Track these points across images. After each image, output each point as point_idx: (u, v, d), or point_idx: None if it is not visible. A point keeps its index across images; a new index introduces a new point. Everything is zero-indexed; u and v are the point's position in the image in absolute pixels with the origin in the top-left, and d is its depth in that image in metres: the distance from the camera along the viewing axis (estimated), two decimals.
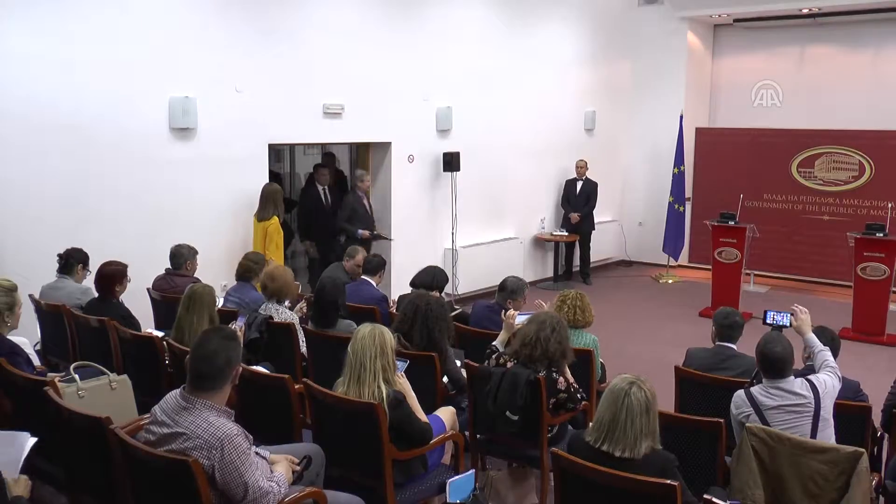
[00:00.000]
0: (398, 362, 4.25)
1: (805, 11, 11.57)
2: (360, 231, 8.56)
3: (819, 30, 12.28)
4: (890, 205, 10.07)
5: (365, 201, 8.81)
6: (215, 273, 6.98)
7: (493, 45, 10.20)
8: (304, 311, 5.96)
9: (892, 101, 11.61)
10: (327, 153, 10.11)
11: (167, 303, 6.04)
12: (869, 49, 12.00)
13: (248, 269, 6.19)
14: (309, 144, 10.29)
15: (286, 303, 5.78)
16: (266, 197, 7.57)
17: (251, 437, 3.23)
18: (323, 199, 8.99)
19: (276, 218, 7.50)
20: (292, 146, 10.39)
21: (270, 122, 7.88)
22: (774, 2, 11.51)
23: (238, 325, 5.08)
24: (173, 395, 3.21)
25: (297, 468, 3.54)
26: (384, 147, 9.19)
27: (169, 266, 6.49)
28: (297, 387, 4.25)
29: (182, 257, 6.43)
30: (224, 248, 7.49)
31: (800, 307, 4.46)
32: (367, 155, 9.32)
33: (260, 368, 4.79)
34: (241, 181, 7.67)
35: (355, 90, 8.55)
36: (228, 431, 3.06)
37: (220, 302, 5.89)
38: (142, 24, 6.86)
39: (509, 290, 5.90)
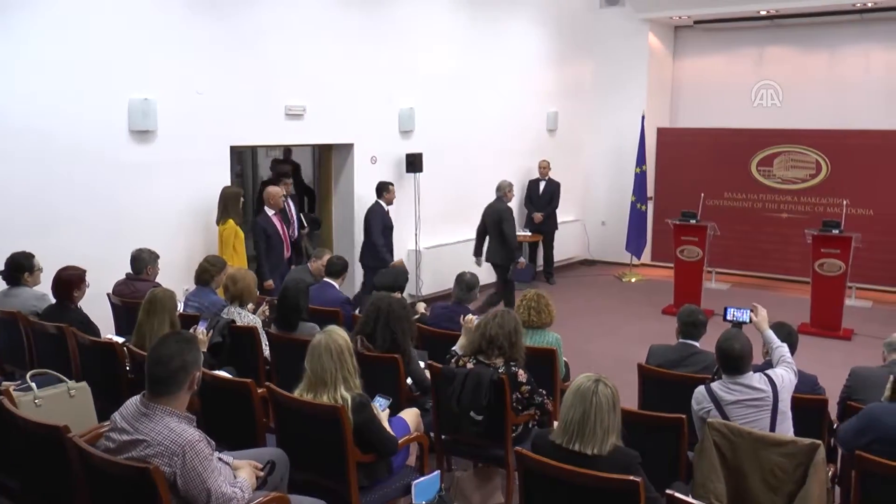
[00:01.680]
0: (380, 399, 4.27)
1: (763, 13, 11.79)
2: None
3: (777, 31, 12.52)
4: (845, 202, 10.28)
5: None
6: (177, 277, 6.88)
7: (455, 46, 10.23)
8: (267, 314, 5.92)
9: (847, 101, 11.88)
10: (288, 160, 10.00)
11: (128, 308, 5.96)
12: (825, 50, 12.26)
13: (204, 272, 6.11)
14: (271, 146, 10.21)
15: (249, 306, 5.74)
16: (223, 200, 7.50)
17: (213, 442, 3.20)
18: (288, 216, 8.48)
19: (231, 221, 7.42)
20: (254, 148, 10.32)
21: (232, 124, 7.81)
22: (733, 4, 11.69)
23: (200, 330, 5.02)
24: (133, 402, 3.16)
25: (261, 473, 3.51)
26: (347, 148, 9.16)
27: (129, 271, 6.40)
28: (260, 391, 4.22)
29: (143, 262, 6.34)
30: (185, 253, 7.40)
31: (757, 305, 4.53)
32: (330, 157, 9.29)
33: (222, 373, 4.75)
34: (203, 184, 7.59)
35: (317, 91, 8.52)
36: (190, 437, 3.02)
37: (180, 306, 5.82)
38: (100, 25, 6.76)
39: (467, 284, 5.93)
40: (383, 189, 8.95)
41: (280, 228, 7.94)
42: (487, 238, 9.26)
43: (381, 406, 4.21)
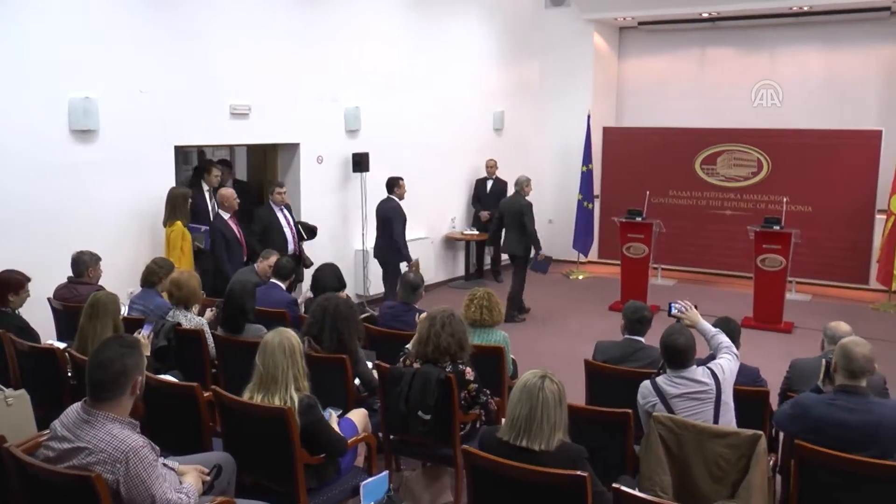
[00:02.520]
0: (331, 410, 4.27)
1: (705, 15, 12.07)
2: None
3: (719, 33, 12.80)
4: (785, 199, 10.52)
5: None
6: (121, 280, 6.74)
7: (400, 45, 10.22)
8: (214, 316, 5.85)
9: (786, 101, 12.23)
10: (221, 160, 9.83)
11: (69, 312, 5.82)
12: (764, 52, 12.59)
13: (151, 273, 6.01)
14: (217, 146, 10.07)
15: (194, 309, 5.66)
16: (170, 202, 7.38)
17: (158, 448, 3.16)
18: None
19: (179, 223, 7.30)
20: (200, 148, 10.16)
21: (176, 123, 7.68)
22: (676, 6, 11.91)
23: (144, 333, 4.93)
24: (74, 409, 3.11)
25: (207, 478, 3.48)
26: (292, 148, 9.08)
27: (71, 274, 6.25)
28: (206, 394, 4.17)
29: (84, 264, 6.20)
30: (129, 255, 7.24)
31: (684, 303, 4.58)
32: (276, 156, 9.20)
33: (168, 377, 4.69)
34: (147, 184, 7.45)
35: (262, 90, 8.43)
36: (133, 444, 2.98)
37: (125, 310, 5.72)
38: (37, 22, 6.59)
39: (411, 284, 5.94)
40: (394, 184, 9.23)
41: (237, 231, 7.84)
42: (504, 231, 9.60)
43: (328, 416, 4.19)
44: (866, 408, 3.69)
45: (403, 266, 8.78)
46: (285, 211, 8.47)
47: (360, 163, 9.48)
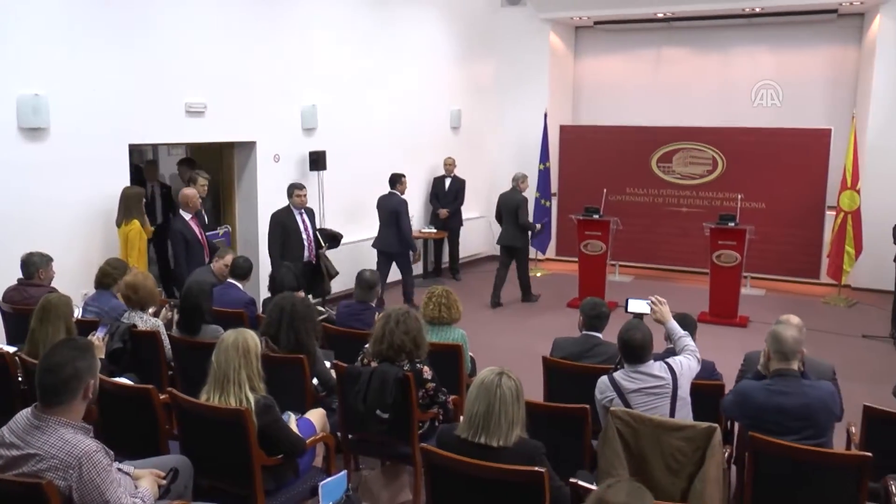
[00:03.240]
0: (290, 413, 4.25)
1: (660, 16, 12.23)
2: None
3: (673, 33, 12.99)
4: (740, 196, 10.70)
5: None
6: (74, 282, 6.63)
7: (356, 43, 10.18)
8: (171, 317, 5.77)
9: (739, 101, 12.42)
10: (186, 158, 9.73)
11: (20, 315, 5.68)
12: (718, 52, 12.80)
13: (106, 275, 5.89)
14: (172, 144, 9.94)
15: (150, 310, 5.58)
16: (124, 201, 7.26)
17: (112, 452, 3.10)
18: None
19: (136, 222, 7.20)
20: (155, 146, 10.02)
21: (130, 121, 7.55)
22: (632, 6, 12.03)
23: (98, 336, 4.85)
24: (24, 415, 3.04)
25: (164, 482, 3.44)
26: (249, 147, 8.99)
27: (21, 276, 6.12)
28: (162, 397, 4.12)
29: (34, 266, 6.07)
30: (82, 255, 7.12)
31: (656, 298, 4.66)
32: (232, 155, 9.10)
33: (123, 380, 4.61)
34: (100, 184, 7.32)
35: (218, 88, 8.33)
36: (87, 449, 2.92)
37: (78, 312, 5.61)
38: None
39: (366, 282, 5.92)
40: (397, 181, 9.84)
41: (198, 232, 7.73)
42: (503, 225, 10.24)
43: (286, 419, 4.17)
44: (800, 391, 3.86)
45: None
46: (305, 215, 8.26)
47: (318, 161, 9.43)
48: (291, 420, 4.21)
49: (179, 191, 8.08)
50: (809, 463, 3.62)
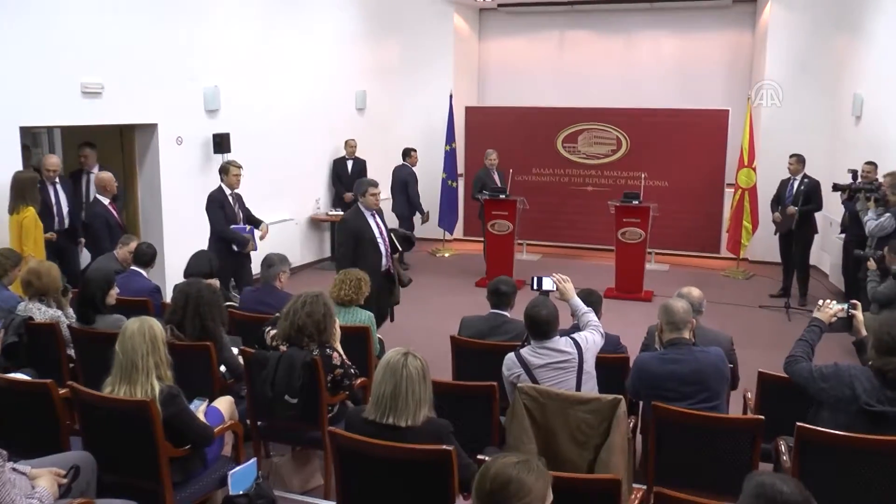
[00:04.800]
0: (197, 401, 4.16)
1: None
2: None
3: (577, 16, 13.20)
4: (643, 175, 10.99)
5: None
6: None
7: (260, 23, 9.91)
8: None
9: (642, 82, 12.73)
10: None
11: None
12: (621, 35, 13.08)
13: None
14: (67, 127, 9.47)
15: (50, 301, 5.31)
16: (17, 186, 6.88)
17: (5, 452, 2.97)
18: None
19: (31, 209, 6.83)
20: (50, 129, 9.54)
21: (20, 101, 7.10)
22: None
23: None
24: None
25: (64, 480, 3.32)
26: (150, 129, 8.66)
27: None
28: (62, 391, 3.96)
29: None
30: None
31: (560, 276, 4.72)
32: (133, 138, 8.76)
33: (20, 375, 4.40)
34: None
35: (116, 68, 7.93)
36: None
37: None
38: None
39: (266, 263, 5.84)
40: (407, 154, 11.50)
41: (118, 216, 7.46)
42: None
43: (195, 407, 4.06)
44: (692, 357, 4.04)
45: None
46: (377, 217, 6.92)
47: (221, 144, 9.17)
48: (201, 409, 4.10)
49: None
50: (708, 428, 3.79)
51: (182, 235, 8.48)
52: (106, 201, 7.43)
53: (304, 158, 10.89)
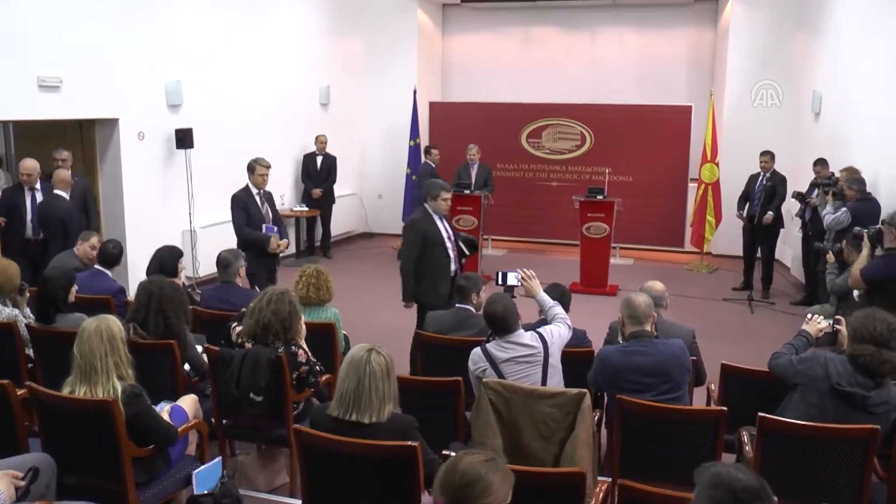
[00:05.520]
0: (163, 404, 4.11)
1: None
2: None
3: (541, 13, 13.25)
4: (607, 170, 11.08)
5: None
6: None
7: (223, 16, 9.81)
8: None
9: (605, 78, 12.83)
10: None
11: None
12: (585, 31, 13.18)
13: None
14: (24, 122, 9.29)
15: (6, 300, 5.21)
16: None
17: None
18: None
19: None
20: (6, 124, 9.34)
21: None
22: None
23: None
24: None
25: (21, 483, 3.24)
26: (111, 124, 8.52)
27: None
28: (20, 392, 3.88)
29: None
30: None
31: (525, 271, 4.73)
32: (94, 133, 8.61)
33: None
34: None
35: (75, 61, 7.78)
36: None
37: None
38: None
39: (221, 262, 5.77)
40: (427, 151, 11.50)
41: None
42: None
43: (160, 408, 4.02)
44: (654, 349, 4.08)
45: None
46: (445, 221, 6.45)
47: (184, 139, 9.05)
48: (165, 409, 4.05)
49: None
50: (672, 420, 3.84)
51: (144, 232, 8.37)
52: (66, 195, 7.30)
53: (269, 154, 10.74)
